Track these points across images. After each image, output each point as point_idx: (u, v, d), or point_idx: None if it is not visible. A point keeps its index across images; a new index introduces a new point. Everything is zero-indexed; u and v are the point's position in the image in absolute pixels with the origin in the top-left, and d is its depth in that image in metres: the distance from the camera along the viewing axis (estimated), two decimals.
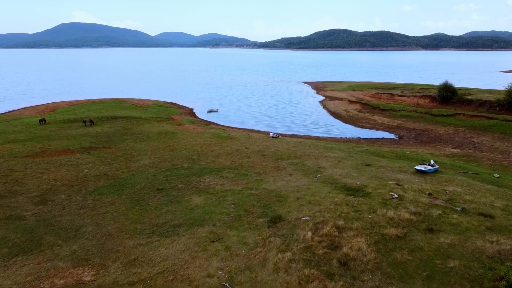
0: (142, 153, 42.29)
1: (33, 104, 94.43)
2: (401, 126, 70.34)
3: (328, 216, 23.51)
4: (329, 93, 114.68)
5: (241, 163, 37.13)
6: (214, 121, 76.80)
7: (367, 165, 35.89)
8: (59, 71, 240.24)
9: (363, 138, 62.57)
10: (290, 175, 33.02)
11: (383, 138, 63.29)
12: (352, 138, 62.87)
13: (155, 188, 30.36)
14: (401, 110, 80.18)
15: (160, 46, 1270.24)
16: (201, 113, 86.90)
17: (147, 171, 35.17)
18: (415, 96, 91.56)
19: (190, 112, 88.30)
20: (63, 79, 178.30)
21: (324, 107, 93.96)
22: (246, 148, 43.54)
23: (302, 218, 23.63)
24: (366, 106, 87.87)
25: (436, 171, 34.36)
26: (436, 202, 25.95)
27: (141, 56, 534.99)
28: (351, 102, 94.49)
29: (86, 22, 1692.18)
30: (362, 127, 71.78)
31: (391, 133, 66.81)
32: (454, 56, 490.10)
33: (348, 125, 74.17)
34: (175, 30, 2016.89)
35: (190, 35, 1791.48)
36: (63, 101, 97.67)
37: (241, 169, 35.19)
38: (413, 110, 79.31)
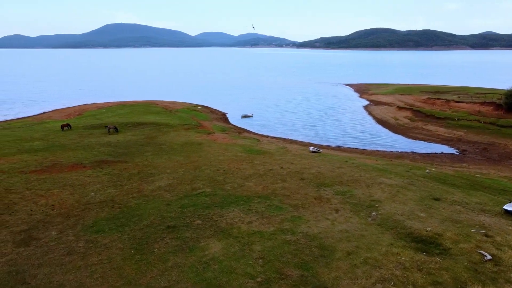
0: (160, 170, 36.52)
1: (64, 106, 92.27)
2: (461, 139, 60.79)
3: None
4: (373, 97, 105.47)
5: (274, 190, 30.39)
6: (247, 128, 70.59)
7: (435, 199, 28.05)
8: (98, 71, 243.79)
9: (417, 153, 53.98)
10: (336, 211, 25.90)
11: (442, 153, 54.34)
12: (405, 152, 54.46)
13: (165, 225, 24.22)
14: (461, 119, 70.14)
15: (200, 46, 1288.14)
16: (234, 119, 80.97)
17: (161, 198, 29.20)
18: (475, 103, 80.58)
19: (223, 117, 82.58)
20: (100, 80, 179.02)
21: (370, 113, 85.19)
22: (281, 167, 36.71)
23: None
24: (418, 113, 78.31)
25: None
26: None
27: (181, 56, 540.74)
28: (400, 108, 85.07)
29: (129, 23, 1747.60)
30: (416, 138, 62.81)
31: (451, 146, 57.70)
32: (507, 56, 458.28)
33: (398, 135, 65.43)
34: (214, 30, 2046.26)
35: (229, 34, 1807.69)
36: (94, 103, 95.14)
37: (274, 198, 28.45)
38: (474, 120, 69.05)
